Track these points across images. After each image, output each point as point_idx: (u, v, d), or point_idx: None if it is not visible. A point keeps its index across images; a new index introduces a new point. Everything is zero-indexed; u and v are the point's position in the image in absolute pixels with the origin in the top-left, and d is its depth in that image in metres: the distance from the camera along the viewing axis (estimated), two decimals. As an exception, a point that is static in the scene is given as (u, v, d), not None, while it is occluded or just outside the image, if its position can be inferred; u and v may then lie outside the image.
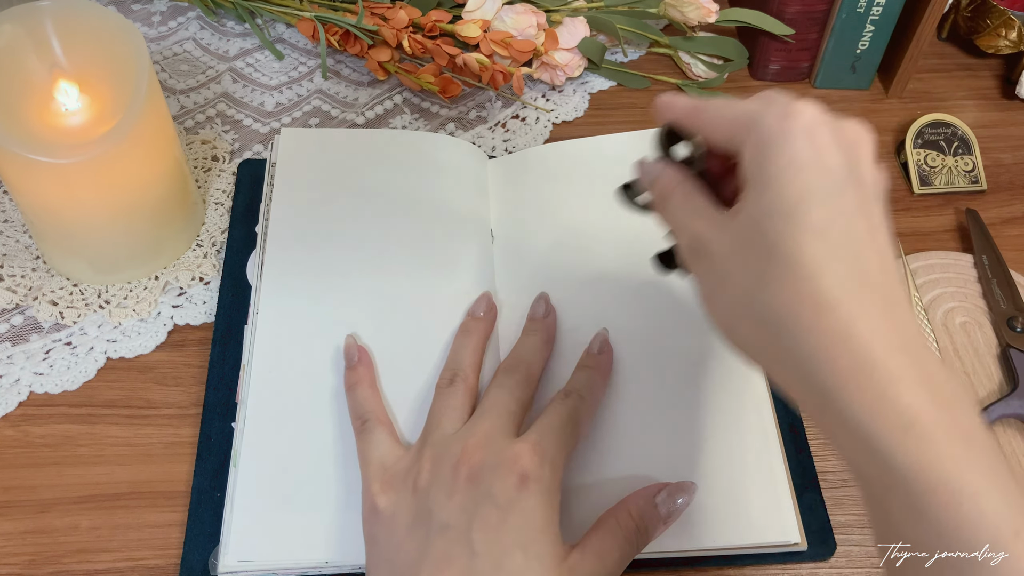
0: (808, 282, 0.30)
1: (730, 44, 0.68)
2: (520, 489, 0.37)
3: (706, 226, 0.35)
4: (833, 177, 0.32)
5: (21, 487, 0.47)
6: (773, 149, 0.32)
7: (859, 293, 0.30)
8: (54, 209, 0.49)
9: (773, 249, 0.31)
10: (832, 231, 0.31)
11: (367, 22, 0.63)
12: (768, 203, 0.32)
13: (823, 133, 0.32)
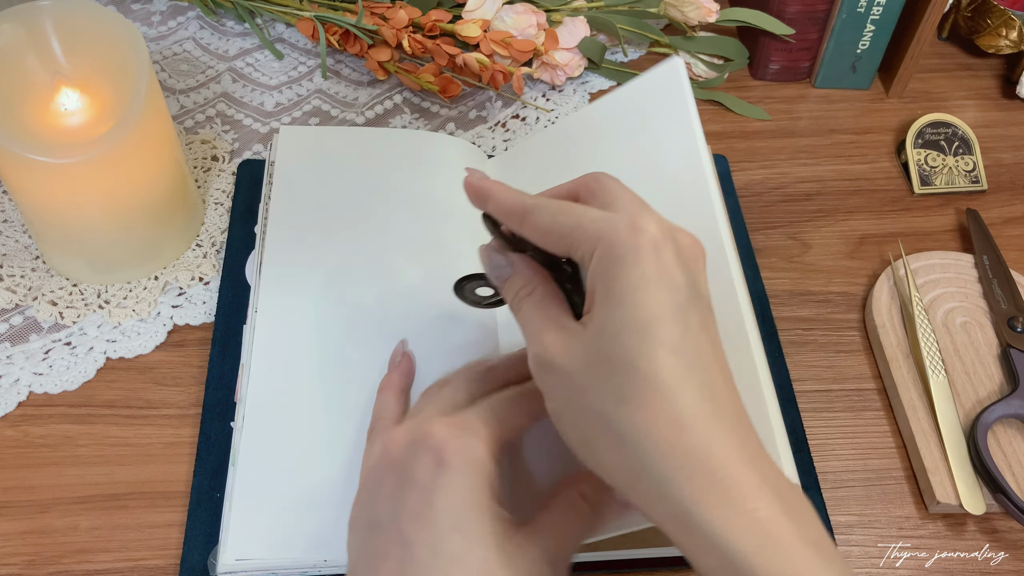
0: (666, 400, 0.31)
1: (730, 44, 0.68)
2: (439, 467, 0.34)
3: (558, 339, 0.34)
4: (681, 294, 0.32)
5: (21, 487, 0.47)
6: (623, 265, 0.32)
7: (712, 410, 0.31)
8: (54, 209, 0.49)
9: (630, 367, 0.31)
10: (685, 348, 0.32)
11: (367, 22, 0.63)
12: (621, 319, 0.32)
13: (668, 250, 0.33)
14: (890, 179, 0.64)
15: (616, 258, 0.33)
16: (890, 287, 0.56)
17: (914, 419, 0.50)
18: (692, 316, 0.32)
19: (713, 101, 0.68)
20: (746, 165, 0.64)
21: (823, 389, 0.53)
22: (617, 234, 0.33)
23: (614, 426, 0.31)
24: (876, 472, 0.50)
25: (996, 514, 0.48)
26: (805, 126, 0.67)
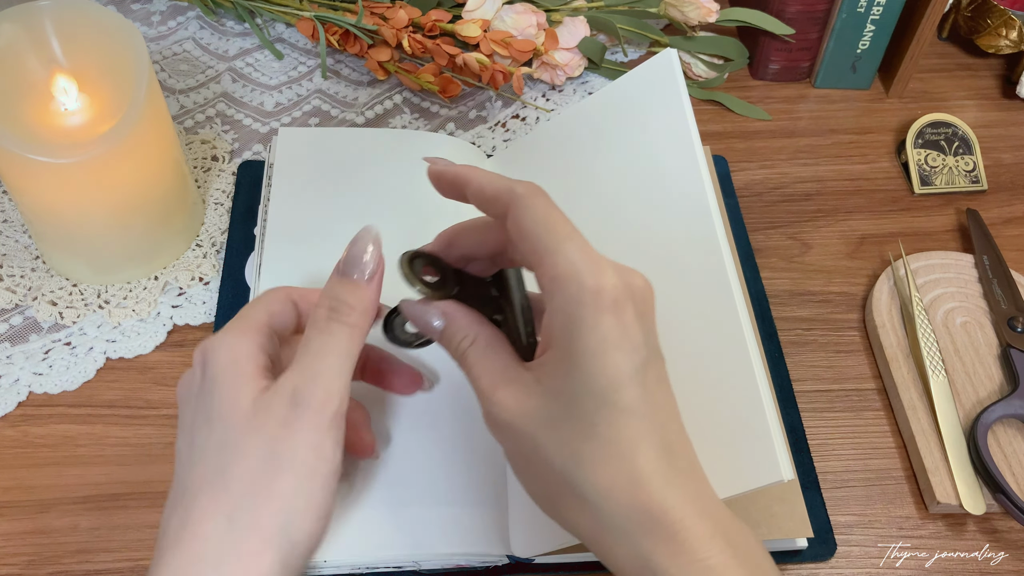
0: (624, 462, 0.32)
1: (730, 44, 0.68)
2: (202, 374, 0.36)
3: (512, 397, 0.34)
4: (639, 355, 0.33)
5: (21, 487, 0.47)
6: (583, 326, 0.33)
7: (668, 466, 0.32)
8: (54, 209, 0.49)
9: (589, 430, 0.32)
10: (643, 409, 0.33)
11: (367, 22, 0.63)
12: (581, 383, 0.33)
13: (628, 308, 0.33)
14: (890, 179, 0.64)
15: (577, 318, 0.33)
16: (890, 287, 0.56)
17: (914, 419, 0.50)
18: (650, 374, 0.33)
19: (713, 101, 0.68)
20: (746, 165, 0.64)
21: (823, 389, 0.53)
22: (580, 291, 0.33)
23: (575, 486, 0.33)
24: (876, 472, 0.50)
25: (996, 514, 0.48)
26: (805, 126, 0.67)
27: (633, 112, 0.51)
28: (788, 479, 0.38)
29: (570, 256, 0.33)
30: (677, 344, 0.43)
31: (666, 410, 0.34)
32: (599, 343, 0.33)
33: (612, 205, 0.49)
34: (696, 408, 0.41)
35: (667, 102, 0.49)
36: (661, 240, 0.46)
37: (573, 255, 0.33)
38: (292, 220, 0.52)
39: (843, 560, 0.46)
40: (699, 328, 0.43)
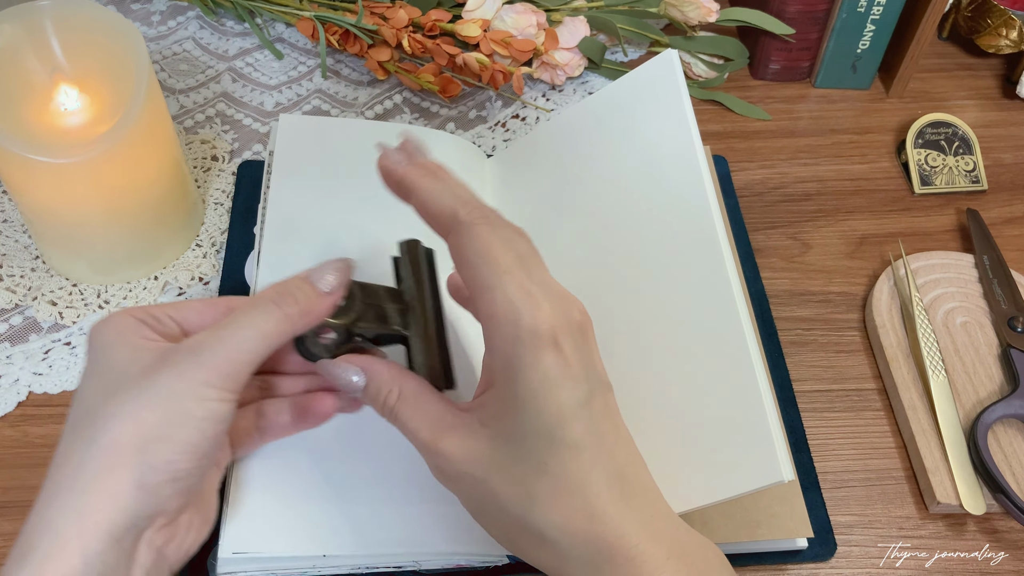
0: (577, 496, 0.33)
1: (730, 44, 0.68)
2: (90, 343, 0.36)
3: (457, 446, 0.34)
4: (582, 388, 0.33)
5: (21, 487, 0.47)
6: (523, 367, 0.33)
7: (620, 493, 0.33)
8: (53, 209, 0.49)
9: (540, 468, 0.33)
10: (590, 442, 0.33)
11: (367, 21, 0.63)
12: (526, 424, 0.33)
13: (567, 342, 0.33)
14: (890, 179, 0.64)
15: (516, 357, 0.33)
16: (890, 287, 0.56)
17: (914, 419, 0.50)
18: (595, 406, 0.34)
19: (713, 101, 0.68)
20: (746, 165, 0.64)
21: (823, 389, 0.53)
22: (517, 330, 0.33)
23: (533, 525, 0.33)
24: (876, 472, 0.50)
25: (996, 514, 0.48)
26: (805, 126, 0.67)
27: (634, 112, 0.50)
28: (788, 480, 0.38)
29: (507, 293, 0.33)
30: (678, 345, 0.43)
31: (614, 438, 0.34)
32: (541, 382, 0.33)
33: (612, 205, 0.49)
34: (697, 409, 0.42)
35: (668, 103, 0.49)
36: (662, 240, 0.46)
37: (510, 291, 0.33)
38: (292, 208, 0.51)
39: (843, 560, 0.46)
40: (700, 329, 0.43)
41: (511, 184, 0.55)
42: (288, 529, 0.41)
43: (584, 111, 0.53)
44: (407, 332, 0.40)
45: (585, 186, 0.51)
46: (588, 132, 0.53)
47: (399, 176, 0.37)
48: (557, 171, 0.53)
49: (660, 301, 0.45)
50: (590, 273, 0.49)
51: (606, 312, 0.47)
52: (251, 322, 0.35)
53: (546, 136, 0.55)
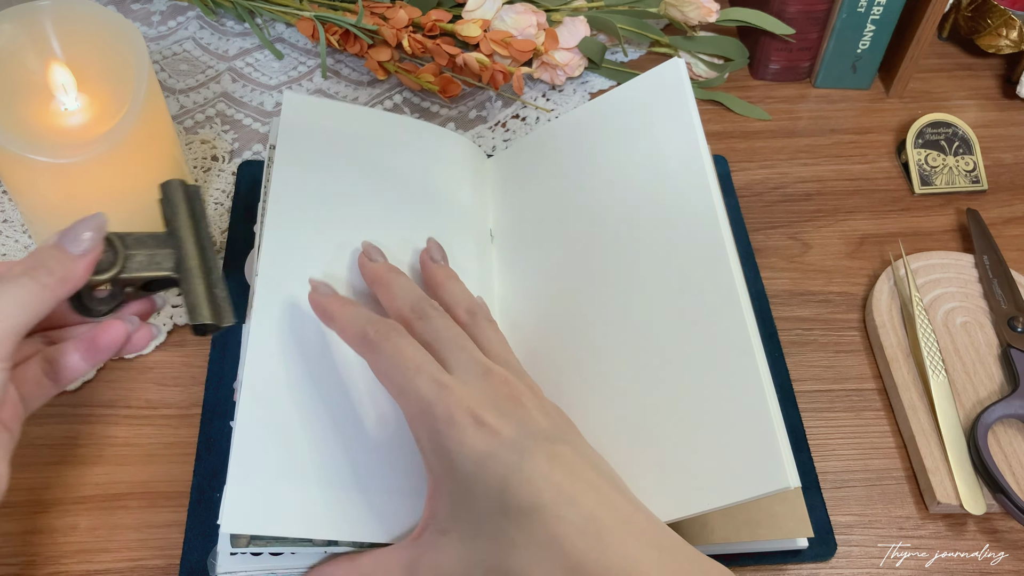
0: (552, 557, 0.32)
1: (731, 44, 0.68)
2: None
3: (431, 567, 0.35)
4: (517, 451, 0.34)
5: (21, 487, 0.47)
6: (453, 454, 0.34)
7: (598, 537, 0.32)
8: (53, 209, 0.49)
9: (509, 545, 0.33)
10: (545, 498, 0.33)
11: (367, 22, 0.63)
12: (478, 507, 0.33)
13: (487, 413, 0.34)
14: (890, 179, 0.64)
15: (445, 448, 0.34)
16: (890, 287, 0.56)
17: (914, 419, 0.50)
18: (538, 463, 0.33)
19: (713, 101, 0.68)
20: (746, 165, 0.64)
21: (823, 389, 0.53)
22: (435, 422, 0.34)
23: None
24: (876, 472, 0.50)
25: (996, 514, 0.48)
26: (805, 126, 0.67)
27: (640, 117, 0.51)
28: (795, 487, 0.38)
29: (418, 391, 0.35)
30: (683, 351, 0.44)
31: (572, 486, 0.33)
32: (475, 462, 0.33)
33: (616, 208, 0.49)
34: (702, 413, 0.42)
35: (675, 111, 0.49)
36: (667, 245, 0.46)
37: (421, 388, 0.35)
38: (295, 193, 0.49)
39: (843, 560, 0.46)
40: (705, 334, 0.43)
41: (512, 184, 0.55)
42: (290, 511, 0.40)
43: (588, 114, 0.54)
44: (175, 274, 0.41)
45: (588, 188, 0.51)
46: (592, 135, 0.53)
47: (321, 308, 0.41)
48: (560, 172, 0.53)
49: (665, 305, 0.45)
50: (592, 274, 0.49)
51: (608, 314, 0.47)
52: (9, 296, 0.35)
53: (548, 137, 0.55)
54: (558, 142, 0.54)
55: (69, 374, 0.40)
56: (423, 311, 0.40)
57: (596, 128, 0.53)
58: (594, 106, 0.53)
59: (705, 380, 0.42)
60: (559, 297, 0.49)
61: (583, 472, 0.34)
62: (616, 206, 0.50)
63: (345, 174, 0.51)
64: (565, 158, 0.53)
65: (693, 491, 0.39)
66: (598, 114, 0.53)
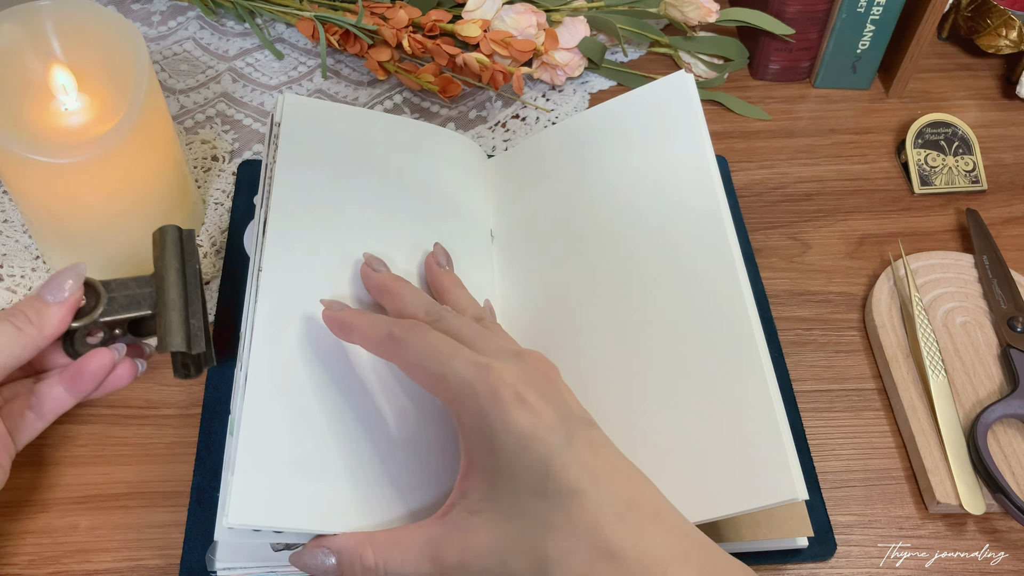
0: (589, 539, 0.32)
1: (730, 44, 0.68)
2: None
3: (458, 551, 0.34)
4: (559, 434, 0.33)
5: (21, 487, 0.47)
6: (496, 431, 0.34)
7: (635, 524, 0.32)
8: (54, 209, 0.49)
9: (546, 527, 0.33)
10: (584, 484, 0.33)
11: (367, 22, 0.63)
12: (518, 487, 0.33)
13: (530, 393, 0.34)
14: (890, 179, 0.64)
15: (486, 427, 0.34)
16: (890, 287, 0.56)
17: (914, 419, 0.50)
18: (579, 446, 0.33)
19: (713, 101, 0.68)
20: (746, 165, 0.64)
21: (823, 389, 0.53)
22: (477, 400, 0.34)
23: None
24: (876, 472, 0.50)
25: (996, 514, 0.48)
26: (805, 126, 0.67)
27: (644, 127, 0.51)
28: (804, 498, 0.38)
29: (457, 372, 0.35)
30: (688, 358, 0.44)
31: (611, 472, 0.34)
32: (518, 440, 0.33)
33: (620, 213, 0.50)
34: (709, 422, 0.42)
35: (682, 122, 0.50)
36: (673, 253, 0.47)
37: (459, 370, 0.35)
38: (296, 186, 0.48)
39: (843, 560, 0.46)
40: (712, 343, 0.43)
41: (513, 185, 0.55)
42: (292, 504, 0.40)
43: (590, 120, 0.54)
44: (153, 311, 0.44)
45: (592, 191, 0.52)
46: (597, 140, 0.53)
47: (339, 321, 0.41)
48: (562, 175, 0.53)
49: (670, 311, 0.45)
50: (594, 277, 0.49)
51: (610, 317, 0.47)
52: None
53: (551, 140, 0.55)
54: (561, 145, 0.54)
55: (53, 405, 0.42)
56: (438, 314, 0.40)
57: (601, 133, 0.53)
58: (599, 112, 0.54)
59: (712, 387, 0.42)
60: (560, 299, 0.49)
61: (618, 460, 0.34)
62: (620, 210, 0.50)
63: (346, 177, 0.51)
64: (568, 161, 0.53)
65: (699, 500, 0.39)
66: (603, 120, 0.53)
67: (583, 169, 0.53)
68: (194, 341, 0.44)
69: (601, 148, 0.52)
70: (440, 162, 0.54)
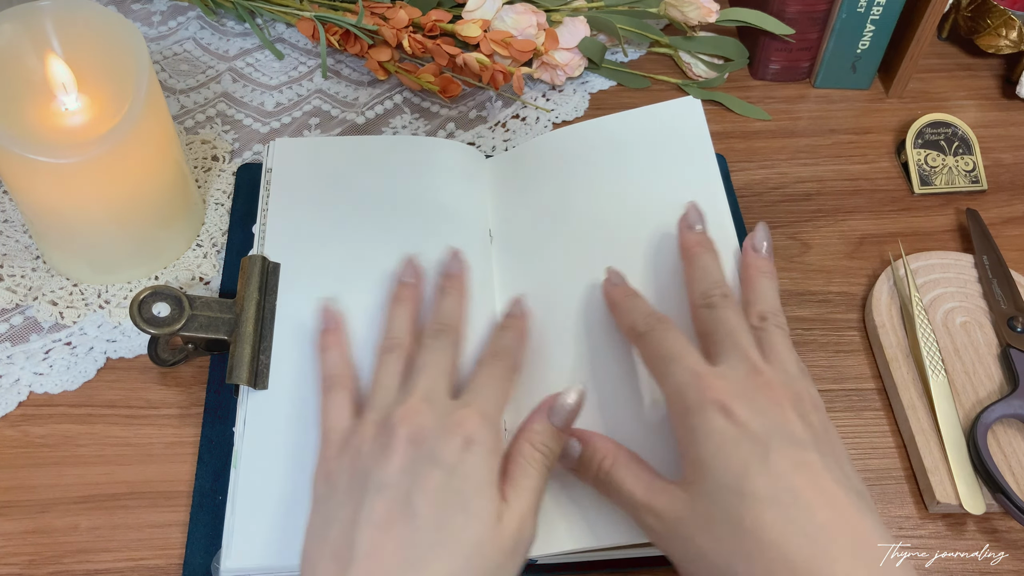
0: (776, 552, 0.33)
1: (730, 44, 0.68)
2: (465, 450, 0.37)
3: (668, 506, 0.37)
4: (759, 446, 0.35)
5: (21, 487, 0.47)
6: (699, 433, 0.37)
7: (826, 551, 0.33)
8: (54, 209, 0.49)
9: (736, 525, 0.34)
10: (780, 497, 0.34)
11: (367, 22, 0.63)
12: (714, 482, 0.36)
13: (737, 406, 0.36)
14: (890, 179, 0.64)
15: (692, 427, 0.37)
16: (890, 287, 0.56)
17: (914, 419, 0.50)
18: (779, 462, 0.35)
19: (713, 101, 0.68)
20: (746, 165, 0.64)
21: (823, 389, 0.53)
22: (686, 404, 0.37)
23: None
24: (876, 472, 0.50)
25: (996, 514, 0.48)
26: (805, 126, 0.67)
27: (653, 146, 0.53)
28: None
29: (676, 376, 0.38)
30: None
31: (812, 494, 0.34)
32: (718, 444, 0.36)
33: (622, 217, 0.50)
34: None
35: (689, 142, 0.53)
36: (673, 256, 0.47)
37: (678, 375, 0.38)
38: (291, 228, 0.52)
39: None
40: None
41: (513, 185, 0.55)
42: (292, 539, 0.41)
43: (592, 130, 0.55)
44: (229, 338, 0.46)
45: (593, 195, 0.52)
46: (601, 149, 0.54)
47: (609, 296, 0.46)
48: (563, 178, 0.54)
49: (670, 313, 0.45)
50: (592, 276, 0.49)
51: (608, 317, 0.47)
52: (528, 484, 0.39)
53: (553, 144, 0.56)
54: (563, 150, 0.55)
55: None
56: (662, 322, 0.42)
57: (605, 143, 0.54)
58: (604, 122, 0.55)
59: None
60: (559, 299, 0.49)
61: (826, 484, 0.35)
62: (620, 213, 0.50)
63: (340, 210, 0.53)
64: (570, 166, 0.54)
65: None
66: (608, 130, 0.55)
67: (585, 174, 0.53)
68: (259, 378, 0.46)
69: (605, 158, 0.53)
70: (433, 171, 0.55)
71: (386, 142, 0.58)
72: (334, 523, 0.37)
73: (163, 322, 0.45)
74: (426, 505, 0.36)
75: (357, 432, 0.40)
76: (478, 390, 0.41)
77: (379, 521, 0.36)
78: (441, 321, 0.45)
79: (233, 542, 0.41)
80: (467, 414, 0.39)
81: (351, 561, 0.35)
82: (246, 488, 0.43)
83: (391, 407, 0.40)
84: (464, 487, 0.36)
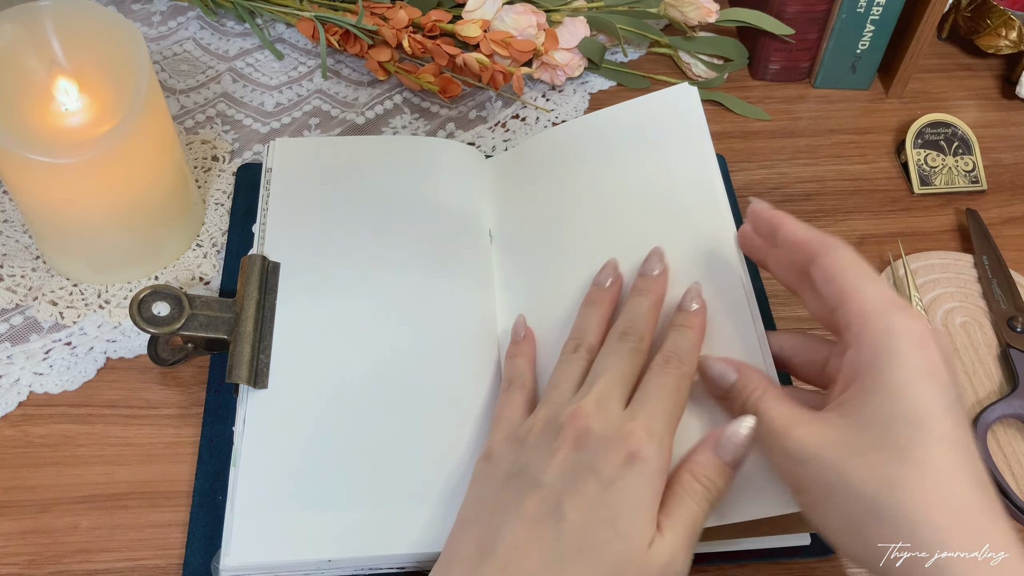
0: (942, 488, 0.33)
1: (730, 44, 0.68)
2: (626, 466, 0.36)
3: (811, 432, 0.36)
4: (949, 393, 0.35)
5: (21, 487, 0.47)
6: (893, 358, 0.35)
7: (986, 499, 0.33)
8: (54, 209, 0.49)
9: (902, 455, 0.34)
10: (958, 441, 0.34)
11: (367, 22, 0.63)
12: (893, 410, 0.34)
13: (933, 348, 0.36)
14: (890, 179, 0.64)
15: (887, 350, 0.35)
16: (890, 287, 0.56)
17: (914, 419, 0.50)
18: (959, 413, 0.35)
19: (713, 101, 0.68)
20: (746, 165, 0.64)
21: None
22: (889, 326, 0.36)
23: (886, 513, 0.34)
24: (876, 472, 0.50)
25: (996, 514, 0.48)
26: (805, 126, 0.67)
27: (649, 134, 0.52)
28: None
29: (879, 295, 0.37)
30: None
31: (974, 452, 0.34)
32: (912, 374, 0.35)
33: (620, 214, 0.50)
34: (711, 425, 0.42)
35: (686, 132, 0.51)
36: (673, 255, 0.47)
37: (882, 294, 0.37)
38: (291, 229, 0.51)
39: (845, 558, 0.46)
40: (712, 343, 0.44)
41: (513, 185, 0.55)
42: (293, 535, 0.42)
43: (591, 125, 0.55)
44: (228, 337, 0.46)
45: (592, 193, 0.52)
46: (598, 144, 0.53)
47: (767, 217, 0.43)
48: (562, 176, 0.54)
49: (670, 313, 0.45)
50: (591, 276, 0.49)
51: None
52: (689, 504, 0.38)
53: (551, 142, 0.55)
54: (561, 147, 0.55)
55: None
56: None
57: (603, 137, 0.54)
58: (600, 116, 0.55)
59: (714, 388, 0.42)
60: (559, 298, 0.49)
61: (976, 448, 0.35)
62: (620, 211, 0.50)
63: (340, 209, 0.53)
64: (569, 163, 0.54)
65: None
66: (605, 124, 0.54)
67: (583, 171, 0.53)
68: (259, 377, 0.45)
69: (602, 151, 0.53)
70: (432, 171, 0.55)
71: (386, 142, 0.58)
72: (484, 509, 0.37)
73: (163, 322, 0.45)
74: (575, 512, 0.35)
75: (526, 424, 0.40)
76: (645, 402, 0.39)
77: (527, 518, 0.35)
78: (628, 323, 0.43)
79: (233, 541, 0.41)
80: (633, 428, 0.37)
81: (492, 550, 0.35)
82: (246, 487, 0.43)
83: (562, 406, 0.39)
84: (617, 503, 0.35)
